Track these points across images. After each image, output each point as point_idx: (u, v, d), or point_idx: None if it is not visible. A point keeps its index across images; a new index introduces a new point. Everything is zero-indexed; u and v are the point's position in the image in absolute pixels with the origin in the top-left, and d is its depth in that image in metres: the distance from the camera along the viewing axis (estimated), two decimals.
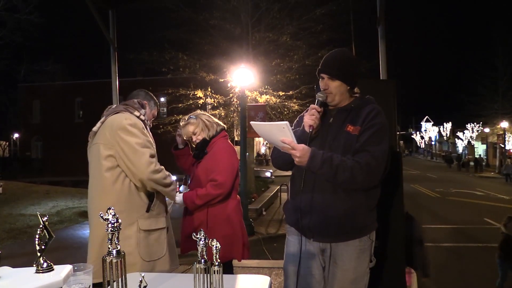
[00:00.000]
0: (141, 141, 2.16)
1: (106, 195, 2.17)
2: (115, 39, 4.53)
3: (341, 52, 2.04)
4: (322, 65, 2.00)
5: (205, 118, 2.78)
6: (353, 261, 1.93)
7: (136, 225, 2.17)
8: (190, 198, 2.60)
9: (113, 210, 1.20)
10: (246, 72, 8.44)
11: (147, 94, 2.53)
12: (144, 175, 2.13)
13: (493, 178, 26.15)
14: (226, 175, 2.61)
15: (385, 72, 3.80)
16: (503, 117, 28.53)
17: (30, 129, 30.35)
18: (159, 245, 2.27)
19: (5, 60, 18.00)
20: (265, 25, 12.31)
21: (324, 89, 1.98)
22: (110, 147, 2.16)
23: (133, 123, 2.18)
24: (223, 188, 2.60)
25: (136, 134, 2.16)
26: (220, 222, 2.62)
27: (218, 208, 2.63)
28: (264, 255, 6.40)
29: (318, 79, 2.03)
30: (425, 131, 66.00)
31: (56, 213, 11.17)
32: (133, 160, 2.13)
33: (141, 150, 2.14)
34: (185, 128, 2.77)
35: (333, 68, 1.96)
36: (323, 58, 2.03)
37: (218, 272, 1.39)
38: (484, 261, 6.54)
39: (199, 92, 12.25)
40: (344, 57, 2.01)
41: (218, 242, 1.41)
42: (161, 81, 12.99)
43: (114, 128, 2.16)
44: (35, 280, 1.32)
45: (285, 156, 1.92)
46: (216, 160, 2.65)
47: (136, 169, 2.13)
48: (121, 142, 2.14)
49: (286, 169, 2.13)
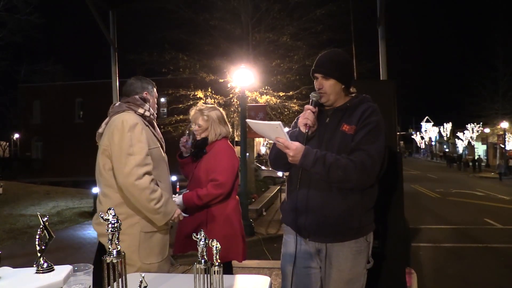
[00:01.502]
0: (129, 148, 2.06)
1: (109, 197, 2.16)
2: (115, 40, 4.53)
3: (334, 52, 2.04)
4: (315, 65, 1.99)
5: (217, 123, 2.75)
6: (349, 262, 1.91)
7: (138, 226, 2.16)
8: (190, 199, 2.59)
9: (113, 211, 1.20)
10: (246, 73, 8.44)
11: (143, 81, 2.41)
12: (122, 181, 2.06)
13: (493, 179, 26.13)
14: (227, 175, 2.62)
15: (385, 72, 3.81)
16: (503, 117, 28.56)
17: (30, 129, 30.34)
18: (161, 247, 2.26)
19: (6, 60, 18.04)
20: (265, 25, 12.30)
21: (319, 88, 1.97)
22: (107, 149, 2.15)
23: (130, 126, 2.10)
24: (224, 188, 2.60)
25: (128, 139, 2.08)
26: (220, 222, 2.62)
27: (217, 208, 2.63)
28: (264, 256, 6.39)
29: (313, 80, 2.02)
30: (425, 131, 66.00)
31: (56, 214, 11.17)
32: (117, 166, 2.08)
33: (127, 159, 2.05)
34: (196, 117, 2.75)
35: (326, 67, 1.95)
36: (317, 58, 2.01)
37: (218, 273, 1.39)
38: (485, 261, 6.54)
39: (199, 92, 12.25)
40: (338, 56, 2.00)
41: (218, 242, 1.41)
42: (161, 82, 12.93)
43: (111, 130, 2.15)
44: (35, 280, 1.32)
45: (282, 156, 1.92)
46: (217, 160, 2.65)
47: (117, 175, 2.08)
48: (113, 146, 2.10)
49: (284, 169, 2.12)
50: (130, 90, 2.37)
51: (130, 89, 2.38)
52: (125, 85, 2.41)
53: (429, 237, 8.35)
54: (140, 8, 5.97)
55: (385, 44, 3.87)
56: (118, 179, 2.08)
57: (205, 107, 2.78)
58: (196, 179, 2.69)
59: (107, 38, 4.47)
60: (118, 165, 2.07)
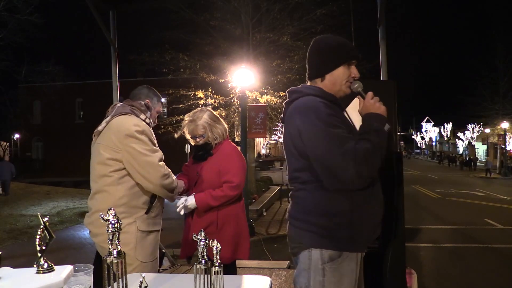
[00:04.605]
0: (149, 148, 2.18)
1: (107, 196, 2.17)
2: (116, 40, 4.53)
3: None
4: (355, 49, 1.80)
5: (213, 125, 2.67)
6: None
7: (134, 225, 2.17)
8: (204, 200, 2.55)
9: (114, 211, 1.20)
10: (247, 73, 8.45)
11: (150, 91, 2.49)
12: (156, 183, 2.17)
13: (493, 179, 26.14)
14: (240, 177, 2.62)
15: (385, 73, 3.81)
16: (504, 117, 28.55)
17: (31, 129, 30.37)
18: (154, 246, 2.28)
19: (6, 61, 18.01)
20: (266, 25, 12.30)
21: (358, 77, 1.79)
22: (116, 151, 2.15)
23: (142, 130, 2.18)
24: (239, 189, 2.61)
25: (145, 141, 2.18)
26: (230, 222, 2.61)
27: (229, 208, 2.62)
28: (264, 256, 6.39)
29: (349, 66, 1.76)
30: (425, 131, 66.03)
31: (56, 214, 11.19)
32: (145, 168, 2.14)
33: (151, 159, 2.16)
34: (192, 127, 2.65)
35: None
36: (345, 43, 1.80)
37: (219, 273, 1.39)
38: (485, 261, 6.54)
39: (199, 92, 12.25)
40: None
41: (228, 241, 1.41)
42: (162, 82, 12.99)
43: (121, 133, 2.15)
44: (35, 280, 1.32)
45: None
46: (230, 162, 2.63)
47: (149, 177, 2.15)
48: (131, 149, 2.13)
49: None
50: (135, 94, 2.44)
51: (136, 93, 2.45)
52: (135, 89, 2.50)
53: (429, 237, 8.35)
54: (140, 8, 5.97)
55: (385, 44, 3.87)
56: (151, 177, 2.15)
57: (195, 116, 2.67)
58: (207, 180, 2.63)
59: (107, 38, 4.47)
60: (145, 165, 2.15)
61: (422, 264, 6.30)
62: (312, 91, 1.72)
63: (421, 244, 7.66)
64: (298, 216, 1.70)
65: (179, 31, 12.42)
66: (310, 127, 1.59)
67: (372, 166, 1.56)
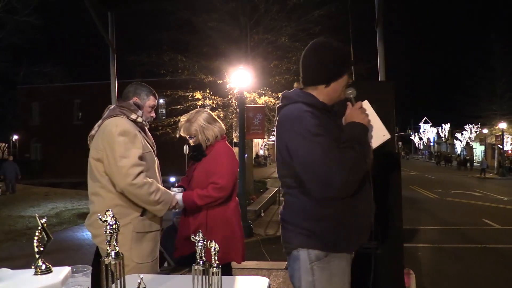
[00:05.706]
0: (123, 151, 2.12)
1: (101, 198, 2.19)
2: (114, 41, 4.54)
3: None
4: (351, 58, 1.84)
5: (207, 127, 2.67)
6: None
7: (130, 226, 2.18)
8: (190, 197, 2.57)
9: (112, 212, 1.21)
10: (245, 74, 8.45)
11: (137, 87, 2.44)
12: (122, 187, 2.12)
13: (492, 179, 26.19)
14: (227, 179, 2.60)
15: (383, 73, 3.82)
16: (501, 118, 28.61)
17: (29, 131, 30.33)
18: (152, 247, 2.28)
19: (4, 62, 17.99)
20: (264, 26, 12.30)
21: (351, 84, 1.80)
22: (99, 151, 2.18)
23: (123, 131, 2.15)
24: (224, 191, 2.58)
25: (121, 143, 2.13)
26: (220, 224, 2.61)
27: (218, 210, 2.62)
28: (263, 257, 6.39)
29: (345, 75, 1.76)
30: (423, 132, 66.13)
31: (55, 215, 11.16)
32: (113, 169, 2.12)
33: (122, 161, 2.11)
34: (186, 127, 2.69)
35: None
36: (347, 50, 1.84)
37: (217, 274, 1.39)
38: (483, 262, 6.55)
39: (198, 93, 12.26)
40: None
41: (217, 243, 1.41)
42: (160, 83, 12.96)
43: (104, 135, 2.17)
44: (33, 282, 1.32)
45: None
46: (217, 163, 2.63)
47: (114, 179, 2.14)
48: (107, 149, 2.14)
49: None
50: (124, 94, 2.44)
51: (125, 92, 2.44)
52: (123, 92, 2.48)
53: (427, 237, 8.35)
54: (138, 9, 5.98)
55: (383, 45, 3.88)
56: (117, 182, 2.12)
57: (191, 117, 2.70)
58: (197, 180, 2.66)
59: (105, 39, 4.47)
60: (114, 168, 2.11)
61: (420, 264, 6.30)
62: (303, 98, 1.72)
63: (419, 244, 7.67)
64: (286, 219, 1.77)
65: (177, 32, 12.44)
66: (295, 139, 1.61)
67: (356, 174, 1.58)
